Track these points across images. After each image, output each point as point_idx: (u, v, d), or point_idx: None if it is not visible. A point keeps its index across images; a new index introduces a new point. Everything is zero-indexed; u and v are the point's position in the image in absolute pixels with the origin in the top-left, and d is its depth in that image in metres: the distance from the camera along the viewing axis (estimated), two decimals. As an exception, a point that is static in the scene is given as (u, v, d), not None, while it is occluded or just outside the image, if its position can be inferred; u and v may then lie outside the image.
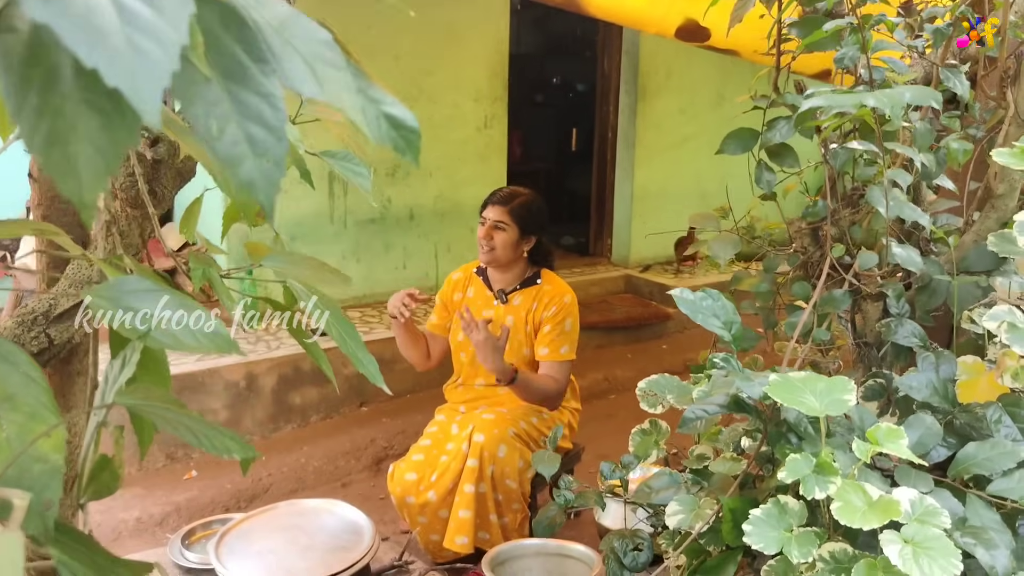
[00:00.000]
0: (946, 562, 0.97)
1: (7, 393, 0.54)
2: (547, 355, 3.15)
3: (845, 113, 1.29)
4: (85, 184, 0.34)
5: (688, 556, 1.25)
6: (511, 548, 2.62)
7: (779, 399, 1.06)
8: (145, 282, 0.65)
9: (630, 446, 1.51)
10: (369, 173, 0.97)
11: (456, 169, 5.51)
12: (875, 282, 1.45)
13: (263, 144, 0.41)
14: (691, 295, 1.25)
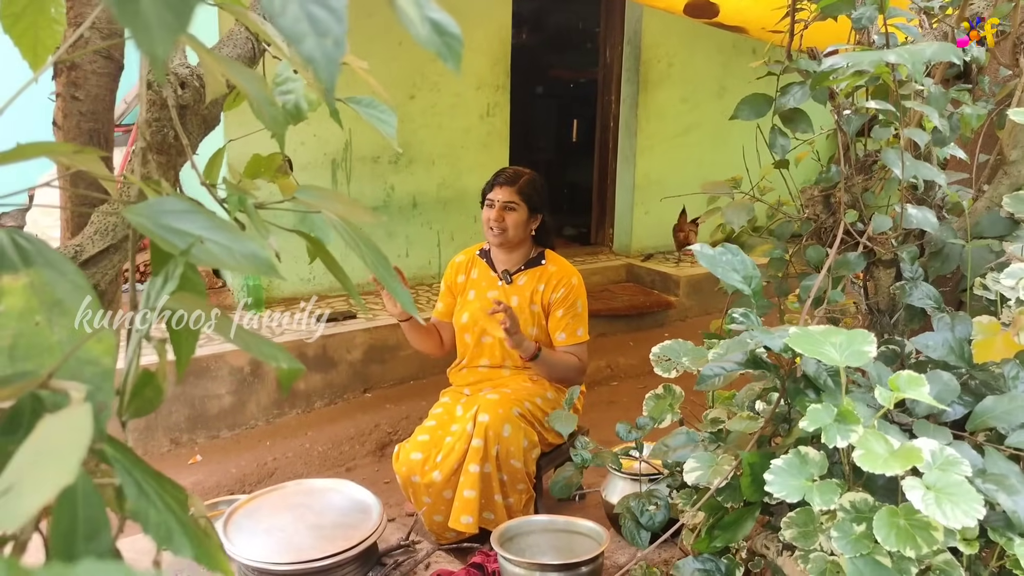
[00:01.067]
0: (968, 507, 0.98)
1: (56, 298, 0.54)
2: (565, 340, 3.19)
3: (863, 73, 1.30)
4: (156, 38, 0.34)
5: (706, 513, 1.25)
6: (519, 524, 2.62)
7: (800, 350, 1.07)
8: (183, 203, 0.65)
9: (644, 410, 1.51)
10: (394, 119, 0.97)
11: (459, 157, 5.51)
12: (889, 246, 1.46)
13: (323, 23, 0.41)
14: (711, 250, 1.25)
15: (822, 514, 1.10)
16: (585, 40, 7.28)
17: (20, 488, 0.35)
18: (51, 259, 0.55)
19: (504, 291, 3.25)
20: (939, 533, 1.01)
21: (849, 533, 1.04)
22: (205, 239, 0.63)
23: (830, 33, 1.95)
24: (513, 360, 3.24)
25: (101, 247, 0.97)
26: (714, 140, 6.40)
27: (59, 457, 0.36)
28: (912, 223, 1.40)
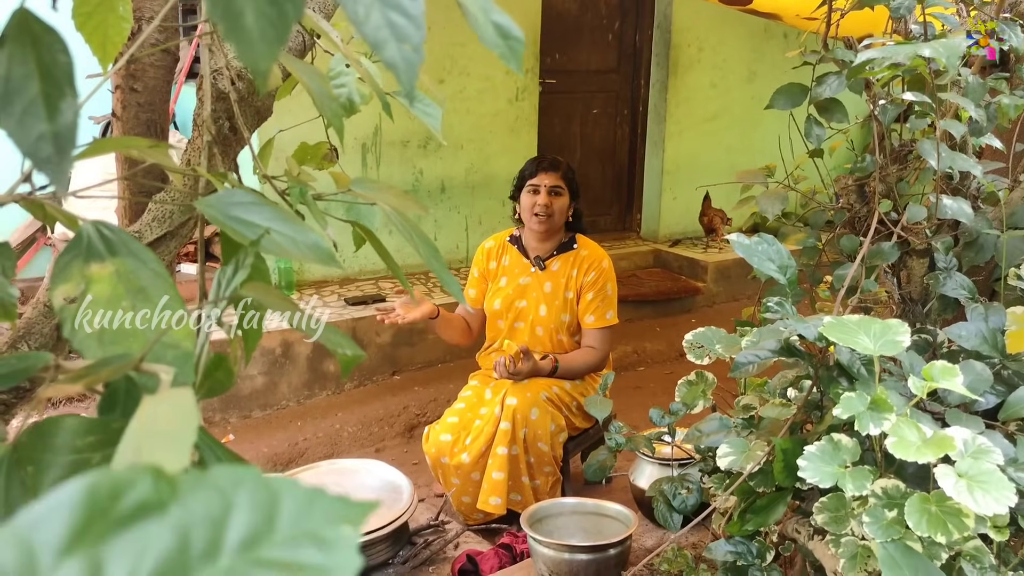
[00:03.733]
0: (1000, 495, 0.99)
1: (139, 286, 0.58)
2: (593, 323, 3.23)
3: (899, 65, 1.30)
4: (259, 52, 0.37)
5: (738, 497, 1.28)
6: (549, 506, 2.66)
7: (834, 339, 1.09)
8: (250, 195, 0.69)
9: (677, 396, 1.54)
10: (439, 112, 1.00)
11: (487, 141, 5.53)
12: (923, 235, 1.47)
13: (403, 30, 0.44)
14: (746, 240, 1.27)
15: (854, 500, 1.13)
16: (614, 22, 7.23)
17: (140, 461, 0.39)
18: (133, 249, 0.59)
19: (537, 277, 3.28)
20: (970, 520, 1.02)
21: (881, 519, 1.06)
22: (272, 230, 0.66)
23: (866, 21, 1.95)
24: (543, 347, 3.27)
25: (159, 233, 1.01)
26: (743, 125, 6.36)
27: (172, 440, 0.39)
28: (947, 213, 1.41)
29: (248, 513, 0.30)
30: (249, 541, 0.29)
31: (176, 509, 0.28)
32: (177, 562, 0.28)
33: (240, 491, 0.30)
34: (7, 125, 0.41)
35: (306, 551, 0.30)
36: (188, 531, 0.28)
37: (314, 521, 0.30)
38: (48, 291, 0.54)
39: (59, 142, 0.40)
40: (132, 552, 0.27)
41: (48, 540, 0.27)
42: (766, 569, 1.22)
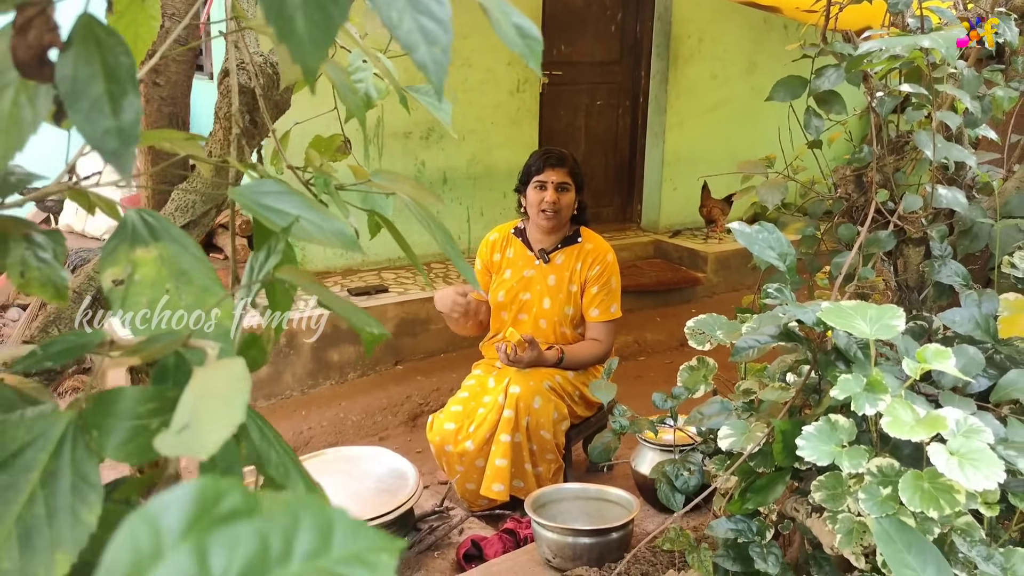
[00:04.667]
0: (990, 471, 1.04)
1: (182, 269, 0.62)
2: (598, 316, 3.27)
3: (898, 57, 1.34)
4: (308, 52, 0.41)
5: (739, 477, 1.32)
6: (552, 491, 2.71)
7: (832, 323, 1.13)
8: (279, 185, 0.73)
9: (679, 380, 1.58)
10: (450, 107, 1.04)
11: (489, 133, 5.56)
12: (919, 224, 1.51)
13: (433, 34, 0.48)
14: (748, 228, 1.31)
15: (850, 478, 1.17)
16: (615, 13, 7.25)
17: (198, 426, 0.43)
18: (175, 235, 0.63)
19: (541, 270, 3.32)
20: (961, 496, 1.07)
21: (876, 495, 1.11)
22: (301, 217, 0.70)
23: (864, 15, 1.98)
24: (546, 339, 3.32)
25: (182, 222, 1.05)
26: (743, 117, 6.39)
27: (227, 400, 0.43)
28: (942, 203, 1.45)
29: (311, 532, 0.36)
30: (312, 554, 0.35)
31: (259, 520, 0.35)
32: (260, 561, 0.34)
33: (305, 513, 0.36)
34: (76, 120, 0.45)
35: (356, 570, 0.36)
36: (268, 538, 0.35)
37: (360, 546, 0.37)
38: (98, 274, 0.58)
39: (123, 136, 0.44)
40: (228, 546, 0.34)
41: (170, 525, 0.34)
42: (766, 546, 1.26)
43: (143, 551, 0.32)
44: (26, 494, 0.47)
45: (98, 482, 0.47)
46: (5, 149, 0.46)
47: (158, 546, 0.33)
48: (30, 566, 0.45)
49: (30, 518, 0.47)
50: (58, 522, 0.47)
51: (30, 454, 0.48)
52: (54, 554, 0.46)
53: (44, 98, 0.46)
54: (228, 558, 0.34)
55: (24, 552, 0.46)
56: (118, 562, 0.32)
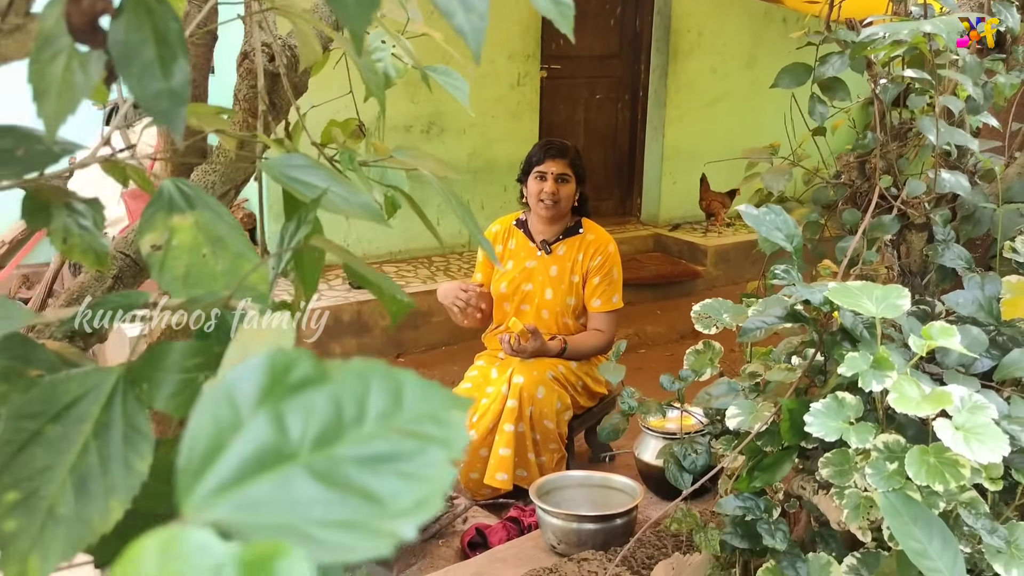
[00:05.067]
0: (994, 445, 1.06)
1: (217, 236, 0.64)
2: (600, 307, 3.30)
3: (901, 42, 1.36)
4: (356, 17, 0.43)
5: (746, 456, 1.35)
6: (557, 479, 2.74)
7: (839, 302, 1.15)
8: (307, 159, 0.75)
9: (685, 364, 1.61)
10: (467, 86, 1.06)
11: (489, 127, 5.57)
12: (922, 209, 1.53)
13: (470, 0, 0.50)
14: (755, 210, 1.34)
15: (857, 454, 1.19)
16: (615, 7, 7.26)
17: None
18: (209, 203, 0.65)
19: (543, 261, 3.34)
20: (966, 470, 1.09)
21: (882, 471, 1.13)
22: (329, 190, 0.72)
23: (867, 4, 2.00)
24: (548, 330, 3.34)
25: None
26: (743, 110, 6.41)
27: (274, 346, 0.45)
28: (945, 187, 1.47)
29: (381, 394, 0.37)
30: (384, 415, 0.37)
31: (330, 386, 0.36)
32: (335, 424, 0.36)
33: (375, 377, 0.38)
34: (128, 84, 0.47)
35: (428, 426, 0.37)
36: (340, 402, 0.36)
37: (431, 405, 0.38)
38: (137, 239, 0.60)
39: (174, 98, 0.46)
40: (303, 412, 0.35)
41: (245, 395, 0.35)
42: (774, 523, 1.29)
43: (223, 421, 0.34)
44: (79, 444, 0.49)
45: (149, 432, 0.49)
46: (58, 112, 0.48)
47: (236, 416, 0.35)
48: (85, 512, 0.47)
49: (84, 467, 0.49)
50: (111, 471, 0.49)
51: (83, 406, 0.50)
52: (108, 501, 0.48)
53: (96, 63, 0.48)
54: (304, 423, 0.35)
55: (79, 499, 0.48)
56: (201, 433, 0.34)
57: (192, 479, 0.34)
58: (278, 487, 0.34)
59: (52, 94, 0.48)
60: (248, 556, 0.27)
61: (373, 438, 0.36)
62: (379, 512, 0.34)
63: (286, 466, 0.34)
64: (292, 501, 0.34)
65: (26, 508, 0.47)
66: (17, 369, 0.58)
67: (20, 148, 0.56)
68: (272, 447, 0.35)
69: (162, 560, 0.27)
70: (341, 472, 0.35)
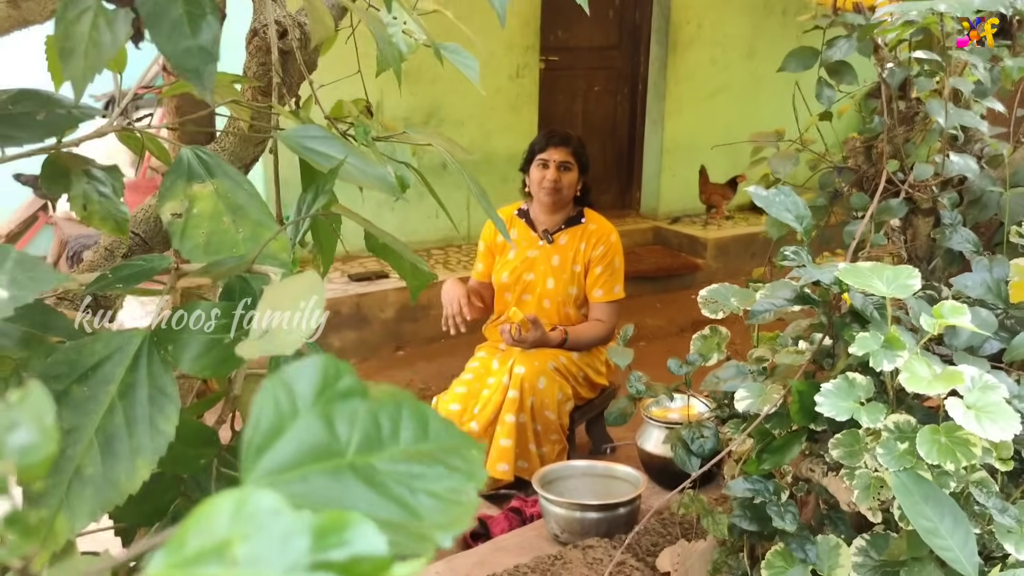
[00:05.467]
0: (1006, 423, 1.06)
1: (237, 204, 0.63)
2: (601, 296, 3.30)
3: (911, 23, 1.36)
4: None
5: (755, 439, 1.34)
6: (560, 468, 2.73)
7: (850, 282, 1.15)
8: (323, 131, 0.74)
9: (692, 348, 1.60)
10: (477, 64, 1.05)
11: (488, 118, 5.56)
12: (929, 193, 1.53)
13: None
14: (764, 191, 1.33)
15: (867, 434, 1.19)
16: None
17: (277, 330, 0.45)
18: (228, 172, 0.64)
19: (545, 251, 3.34)
20: (977, 449, 1.09)
21: (893, 450, 1.13)
22: (346, 160, 0.71)
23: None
24: (550, 320, 3.34)
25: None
26: (743, 102, 6.40)
27: (304, 305, 0.45)
28: (954, 169, 1.47)
29: (413, 420, 0.40)
30: (415, 439, 0.40)
31: (370, 402, 0.38)
32: (374, 436, 0.38)
33: (406, 403, 0.41)
34: (157, 41, 0.46)
35: (454, 459, 0.40)
36: (379, 418, 0.38)
37: (454, 440, 0.40)
38: (157, 207, 0.59)
39: (203, 54, 0.46)
40: (349, 419, 0.38)
41: (303, 389, 0.38)
42: (783, 505, 1.29)
43: (283, 410, 0.36)
44: (105, 405, 0.49)
45: (175, 394, 0.49)
46: (86, 72, 0.48)
47: (294, 408, 0.37)
48: (112, 472, 0.47)
49: (110, 427, 0.48)
50: (138, 431, 0.48)
51: (108, 368, 0.50)
52: (135, 461, 0.48)
53: (123, 21, 0.48)
54: (350, 429, 0.38)
55: (106, 459, 0.47)
56: (266, 413, 0.36)
57: (256, 454, 0.35)
58: (330, 479, 0.36)
59: (79, 53, 0.48)
60: (321, 523, 0.28)
61: (407, 457, 0.39)
62: (418, 521, 0.36)
63: (335, 463, 0.37)
64: (342, 493, 0.36)
65: (53, 468, 0.46)
66: (37, 336, 0.58)
67: (41, 112, 0.56)
68: (324, 443, 0.37)
69: (234, 520, 0.28)
70: (381, 481, 0.37)
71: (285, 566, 0.27)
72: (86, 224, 0.61)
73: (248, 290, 0.55)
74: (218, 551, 0.27)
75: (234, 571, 0.26)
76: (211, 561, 0.27)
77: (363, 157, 0.74)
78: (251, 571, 0.26)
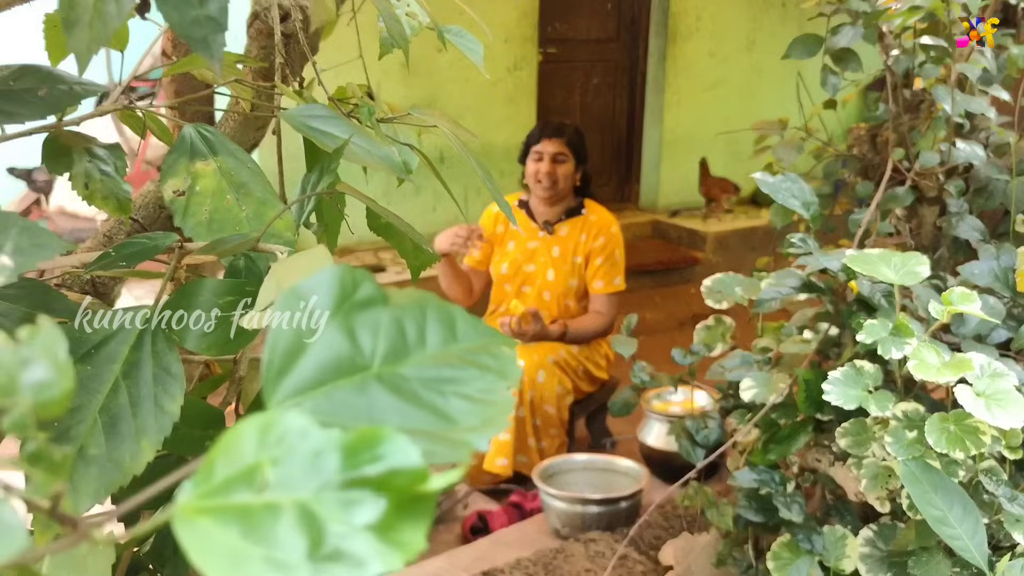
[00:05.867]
0: (1016, 410, 1.05)
1: (240, 182, 0.62)
2: (602, 288, 3.28)
3: (917, 8, 1.34)
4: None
5: (760, 429, 1.33)
6: (561, 462, 2.72)
7: (858, 269, 1.14)
8: (328, 110, 0.73)
9: (696, 339, 1.59)
10: (480, 48, 1.04)
11: (486, 111, 5.54)
12: (935, 181, 1.52)
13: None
14: (771, 178, 1.32)
15: (875, 423, 1.18)
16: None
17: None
18: (231, 149, 0.63)
19: (545, 242, 3.32)
20: (986, 436, 1.08)
21: (902, 439, 1.12)
22: (351, 141, 0.70)
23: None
24: (550, 312, 3.32)
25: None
26: (742, 95, 6.39)
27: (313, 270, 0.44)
28: (961, 157, 1.46)
29: (438, 323, 0.38)
30: (442, 342, 0.38)
31: (392, 309, 0.37)
32: (400, 344, 0.37)
33: (430, 306, 0.39)
34: (164, 10, 0.45)
35: (484, 358, 0.38)
36: (403, 325, 0.37)
37: (482, 338, 0.38)
38: (160, 184, 0.58)
39: (212, 24, 0.45)
40: (371, 328, 0.36)
41: (320, 303, 0.36)
42: (790, 495, 1.28)
43: (301, 327, 0.35)
44: (109, 384, 0.47)
45: (180, 373, 0.48)
46: (90, 45, 0.46)
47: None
48: (117, 452, 0.46)
49: (115, 407, 0.47)
50: (142, 411, 0.47)
51: (112, 346, 0.48)
52: (139, 442, 0.46)
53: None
54: (373, 339, 0.36)
55: (110, 439, 0.46)
56: (281, 336, 0.35)
57: (276, 377, 0.34)
58: (356, 393, 0.35)
59: (83, 25, 0.46)
60: (350, 440, 0.27)
61: (436, 362, 0.37)
62: (451, 426, 0.35)
63: (361, 376, 0.35)
64: (370, 407, 0.34)
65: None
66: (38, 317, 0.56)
67: (43, 88, 0.54)
68: (347, 357, 0.35)
69: (260, 444, 0.27)
70: (410, 389, 0.35)
71: (317, 486, 0.26)
72: (88, 203, 0.59)
73: (254, 268, 0.54)
74: (247, 476, 0.26)
75: (265, 496, 0.25)
76: (241, 487, 0.26)
77: (368, 136, 0.72)
78: (282, 494, 0.25)
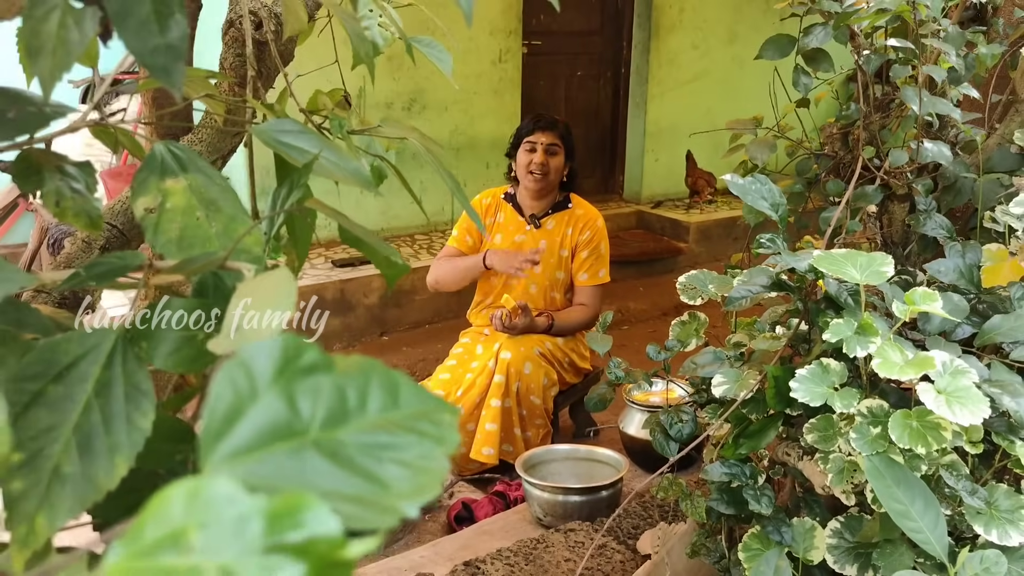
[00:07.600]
0: (975, 408, 1.08)
1: (210, 198, 0.64)
2: (587, 280, 3.32)
3: (885, 11, 1.37)
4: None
5: (732, 424, 1.36)
6: (543, 452, 2.76)
7: (824, 269, 1.16)
8: (298, 125, 0.74)
9: (671, 335, 1.62)
10: (450, 58, 1.06)
11: (471, 103, 5.54)
12: (904, 179, 1.55)
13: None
14: (740, 179, 1.34)
15: (841, 419, 1.21)
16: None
17: (250, 325, 0.45)
18: (201, 166, 0.65)
19: (532, 235, 3.35)
20: (947, 433, 1.11)
21: (866, 434, 1.15)
22: (320, 155, 0.72)
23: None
24: (536, 304, 3.35)
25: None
26: (724, 87, 6.42)
27: (277, 300, 0.46)
28: (928, 156, 1.49)
29: (380, 390, 0.40)
30: (383, 408, 0.39)
31: (335, 375, 0.39)
32: (340, 410, 0.38)
33: (374, 373, 0.40)
34: (125, 39, 0.47)
35: (424, 424, 0.40)
36: (345, 391, 0.38)
37: (424, 406, 0.40)
38: (130, 202, 0.60)
39: (172, 52, 0.46)
40: (312, 394, 0.38)
41: (262, 370, 0.37)
42: (759, 488, 1.31)
43: (242, 391, 0.36)
44: (82, 404, 0.49)
45: (150, 390, 0.50)
46: (53, 71, 0.48)
47: (253, 388, 0.37)
48: (91, 470, 0.48)
49: (87, 426, 0.49)
50: (115, 428, 0.49)
51: (83, 366, 0.50)
52: (113, 458, 0.48)
53: (90, 19, 0.48)
54: (313, 405, 0.37)
55: (84, 457, 0.48)
56: (222, 398, 0.36)
57: (213, 440, 0.35)
58: (291, 458, 0.36)
59: (47, 52, 0.48)
60: (274, 507, 0.28)
61: (375, 428, 0.38)
62: (384, 492, 0.36)
63: (298, 441, 0.37)
64: (304, 472, 0.36)
65: (32, 468, 0.47)
66: (11, 333, 0.58)
67: (11, 110, 0.56)
68: (285, 422, 0.37)
69: (188, 508, 0.28)
70: (346, 454, 0.37)
71: (240, 551, 0.27)
72: (59, 220, 0.61)
73: (221, 286, 0.56)
74: (174, 540, 0.28)
75: (190, 559, 0.27)
76: (167, 550, 0.27)
77: (338, 151, 0.74)
78: (207, 557, 0.27)
